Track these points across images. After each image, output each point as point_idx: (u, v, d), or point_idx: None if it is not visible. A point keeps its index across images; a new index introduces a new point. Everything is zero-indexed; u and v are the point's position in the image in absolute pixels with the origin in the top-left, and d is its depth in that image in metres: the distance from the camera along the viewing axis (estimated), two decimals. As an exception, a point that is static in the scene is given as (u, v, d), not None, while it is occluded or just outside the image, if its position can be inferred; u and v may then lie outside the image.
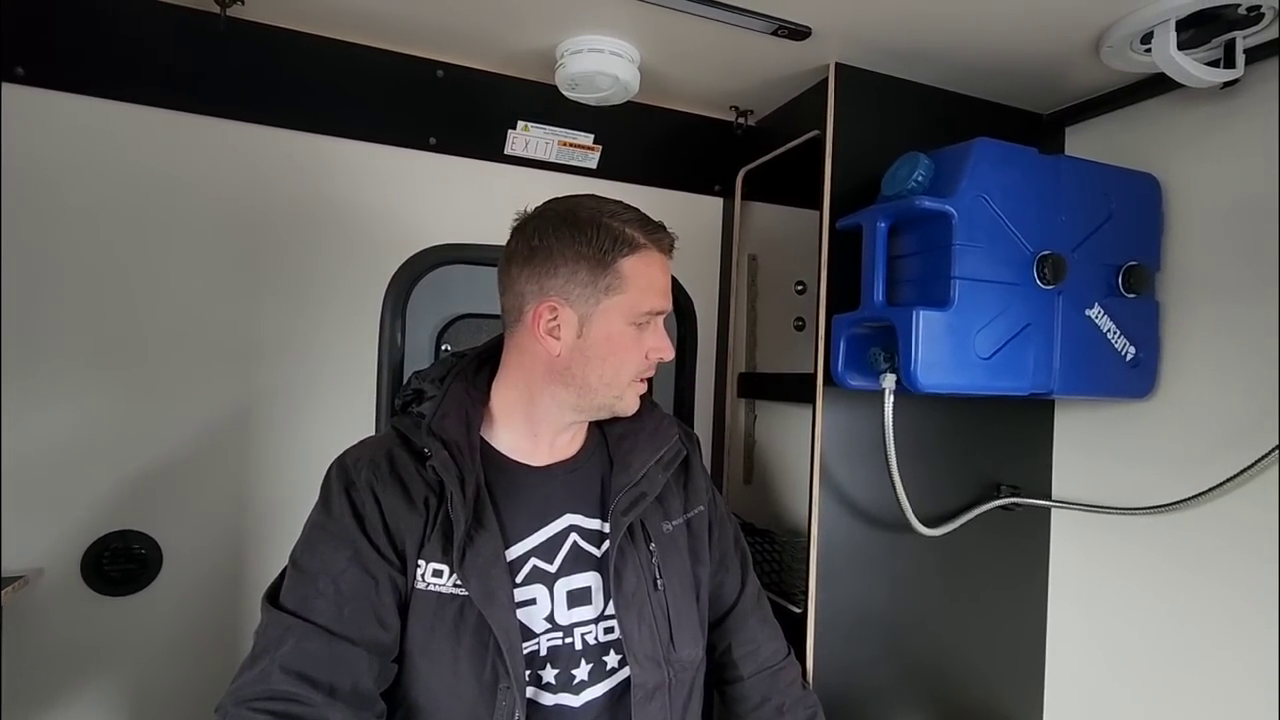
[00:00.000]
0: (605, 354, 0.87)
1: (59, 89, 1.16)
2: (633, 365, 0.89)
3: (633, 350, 0.88)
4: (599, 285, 0.85)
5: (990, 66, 1.24)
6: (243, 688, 0.73)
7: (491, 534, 0.83)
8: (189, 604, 1.26)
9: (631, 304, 0.86)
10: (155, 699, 1.25)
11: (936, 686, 1.33)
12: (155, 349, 1.24)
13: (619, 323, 0.86)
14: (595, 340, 0.86)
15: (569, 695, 0.86)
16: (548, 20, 1.16)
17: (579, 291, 0.85)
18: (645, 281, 0.87)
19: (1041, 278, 1.12)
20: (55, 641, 1.19)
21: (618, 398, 0.90)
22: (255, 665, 0.74)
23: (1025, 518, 1.38)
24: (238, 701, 0.72)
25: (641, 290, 0.86)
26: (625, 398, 0.90)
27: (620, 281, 0.85)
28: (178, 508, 1.26)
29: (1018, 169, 1.12)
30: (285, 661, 0.73)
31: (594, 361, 0.87)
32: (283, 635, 0.75)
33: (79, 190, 1.19)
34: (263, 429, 1.31)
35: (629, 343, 0.87)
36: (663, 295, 0.89)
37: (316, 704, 0.72)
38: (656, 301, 0.88)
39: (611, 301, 0.85)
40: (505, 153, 1.44)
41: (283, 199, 1.31)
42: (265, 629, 0.77)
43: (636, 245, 0.86)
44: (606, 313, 0.85)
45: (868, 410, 1.23)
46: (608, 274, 0.85)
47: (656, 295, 0.88)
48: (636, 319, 0.87)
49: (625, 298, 0.85)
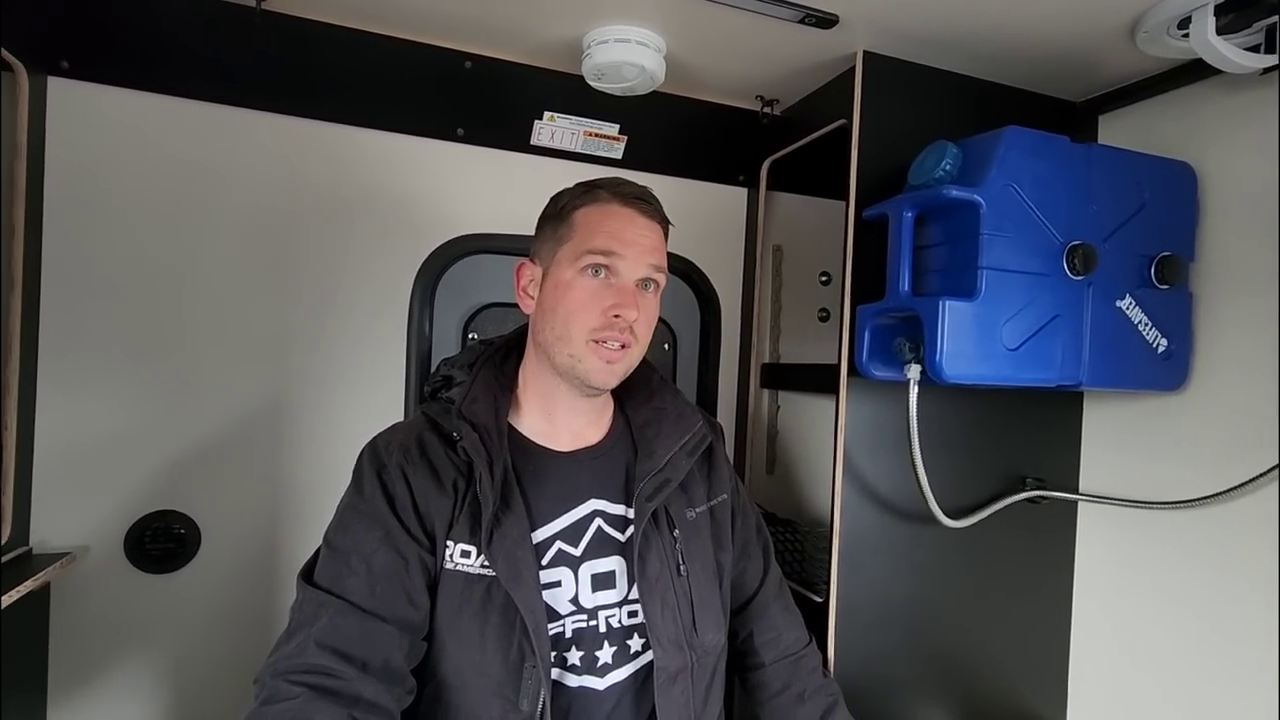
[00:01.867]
0: (555, 305, 0.87)
1: (101, 82, 1.20)
2: (584, 317, 0.85)
3: (584, 301, 0.85)
4: (556, 237, 0.88)
5: (1022, 53, 1.22)
6: (280, 661, 0.76)
7: (518, 516, 0.84)
8: (225, 582, 1.31)
9: (575, 247, 0.86)
10: (194, 672, 1.30)
11: (959, 679, 1.33)
12: (193, 337, 1.28)
13: (569, 270, 0.86)
14: (548, 293, 0.88)
15: (593, 677, 0.87)
16: (574, 11, 1.17)
17: (543, 248, 0.90)
18: (593, 225, 0.86)
19: (1071, 268, 1.10)
20: (100, 616, 1.24)
21: (573, 357, 0.86)
22: (291, 640, 0.77)
23: (1051, 511, 1.37)
24: (275, 674, 0.74)
25: (587, 234, 0.86)
26: (584, 360, 0.86)
27: (570, 229, 0.87)
28: (215, 489, 1.30)
29: (1048, 158, 1.10)
30: (320, 636, 0.76)
31: (548, 314, 0.88)
32: (317, 611, 0.78)
33: (120, 181, 1.23)
34: (296, 414, 1.35)
35: (580, 293, 0.85)
36: (612, 238, 0.85)
37: (349, 678, 0.74)
38: (602, 241, 0.85)
39: (562, 250, 0.87)
40: (531, 143, 1.45)
41: (315, 189, 1.34)
42: (301, 605, 0.80)
43: (594, 197, 0.87)
44: (558, 263, 0.87)
45: (892, 401, 1.23)
46: (562, 225, 0.88)
47: (603, 236, 0.85)
48: (581, 262, 0.85)
49: (572, 244, 0.86)
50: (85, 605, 1.23)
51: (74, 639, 1.23)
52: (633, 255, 0.86)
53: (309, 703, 0.72)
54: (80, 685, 1.23)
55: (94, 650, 1.24)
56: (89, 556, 1.23)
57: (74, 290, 1.21)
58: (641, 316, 0.86)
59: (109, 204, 1.22)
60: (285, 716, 0.71)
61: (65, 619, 1.22)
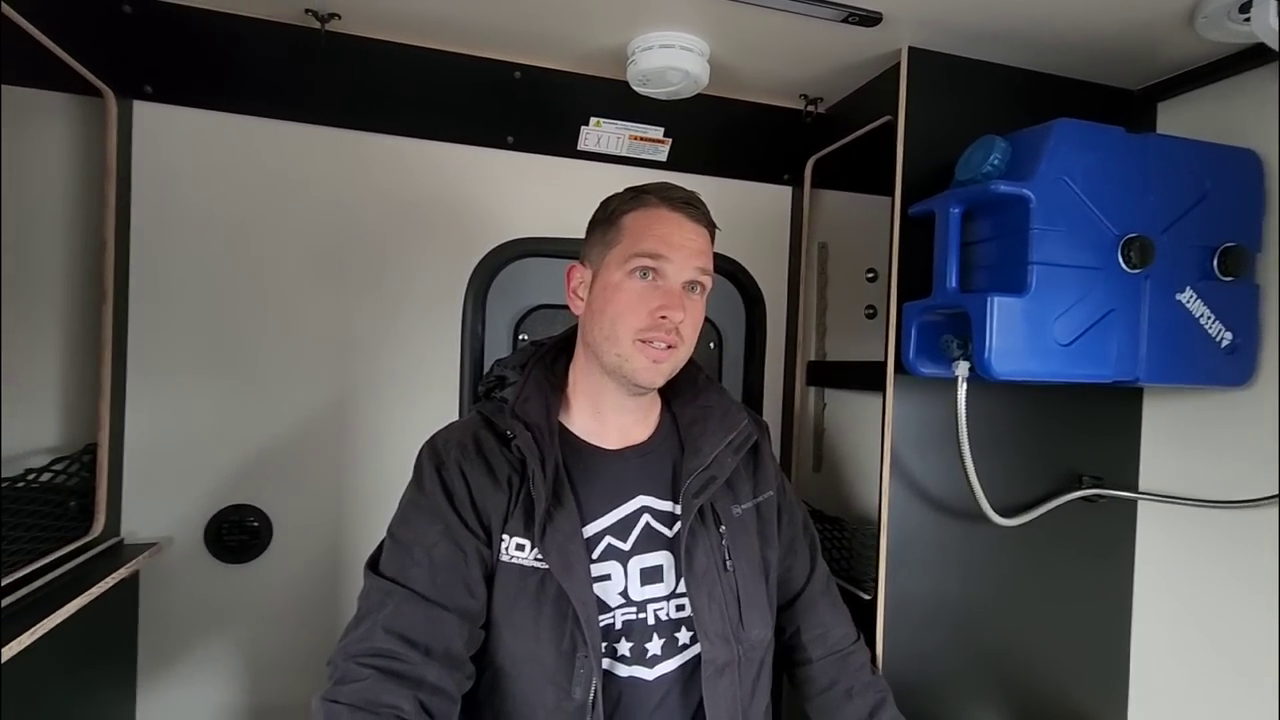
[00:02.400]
0: (603, 305, 0.89)
1: (181, 104, 1.29)
2: (631, 318, 0.87)
3: (631, 302, 0.87)
4: (605, 240, 0.91)
5: (1075, 42, 1.19)
6: (350, 644, 0.81)
7: (569, 511, 0.87)
8: (295, 571, 1.38)
9: (623, 251, 0.88)
10: (267, 655, 1.38)
11: (1012, 679, 1.31)
12: (264, 343, 1.36)
13: (617, 272, 0.88)
14: (597, 294, 0.91)
15: (643, 668, 0.90)
16: (619, 19, 1.20)
17: (593, 251, 0.92)
18: (640, 229, 0.88)
19: (1127, 261, 1.08)
20: (183, 602, 1.33)
21: (621, 357, 0.88)
22: (360, 625, 0.82)
23: (1109, 510, 1.34)
24: (346, 656, 0.79)
25: (635, 238, 0.88)
26: (632, 360, 0.88)
27: (619, 233, 0.89)
28: (285, 485, 1.38)
29: (1102, 149, 1.08)
30: (387, 623, 0.80)
31: (596, 315, 0.90)
32: (384, 599, 0.83)
33: (197, 197, 1.31)
34: (358, 414, 1.42)
35: (628, 294, 0.87)
36: (659, 241, 0.87)
37: (415, 662, 0.79)
38: (650, 244, 0.87)
39: (611, 254, 0.90)
40: (578, 149, 1.49)
41: (374, 200, 1.41)
42: (368, 593, 0.85)
43: (642, 202, 0.90)
44: (607, 266, 0.90)
45: (940, 398, 1.22)
46: (611, 229, 0.90)
47: (650, 239, 0.87)
48: (629, 264, 0.87)
49: (620, 247, 0.89)
50: (170, 592, 1.32)
51: (160, 623, 1.32)
52: (679, 258, 0.88)
53: (377, 683, 0.76)
54: (165, 665, 1.33)
55: (177, 633, 1.33)
56: (173, 547, 1.32)
57: (158, 300, 1.30)
58: (688, 318, 0.88)
59: (188, 219, 1.31)
60: (356, 696, 0.75)
61: (152, 604, 1.32)
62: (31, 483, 1.09)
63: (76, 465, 1.18)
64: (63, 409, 1.23)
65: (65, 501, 1.16)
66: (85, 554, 1.16)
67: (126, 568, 1.18)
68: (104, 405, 1.21)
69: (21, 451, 1.19)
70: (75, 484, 1.18)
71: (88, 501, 1.20)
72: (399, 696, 0.76)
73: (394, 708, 0.75)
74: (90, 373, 1.22)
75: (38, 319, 1.21)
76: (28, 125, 1.20)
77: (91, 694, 1.19)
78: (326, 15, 1.21)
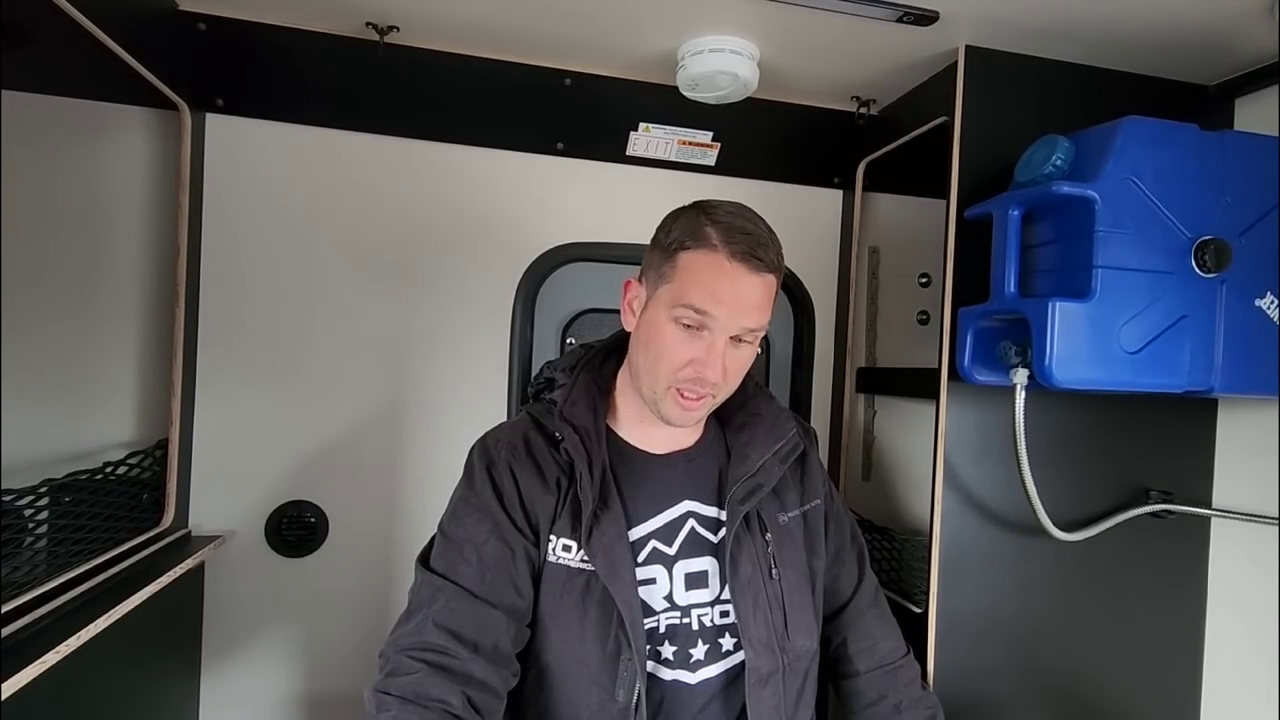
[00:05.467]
0: (647, 339, 0.88)
1: (249, 116, 1.35)
2: (668, 362, 0.85)
3: (670, 347, 0.85)
4: (660, 271, 0.87)
5: (1145, 37, 1.14)
6: (401, 638, 0.83)
7: (616, 515, 0.88)
8: (351, 566, 1.43)
9: (673, 294, 0.84)
10: (323, 646, 1.42)
11: (1072, 706, 1.25)
12: (323, 345, 1.41)
13: (662, 312, 0.85)
14: (645, 324, 0.89)
15: (686, 672, 0.89)
16: (670, 24, 1.21)
17: (649, 274, 0.89)
18: (693, 277, 0.83)
19: (1201, 265, 1.03)
20: (244, 594, 1.39)
21: (655, 395, 0.87)
22: (411, 619, 0.84)
23: (1180, 526, 1.27)
24: (398, 650, 0.81)
25: (686, 284, 0.83)
26: (665, 402, 0.87)
27: (673, 271, 0.85)
28: (341, 482, 1.42)
29: (1173, 148, 1.03)
30: (437, 618, 0.82)
31: (640, 345, 0.89)
32: (434, 594, 0.84)
33: (263, 204, 1.37)
34: (411, 414, 1.45)
35: (668, 338, 0.85)
36: (709, 297, 0.82)
37: (463, 657, 0.80)
38: (699, 298, 0.82)
39: (663, 289, 0.86)
40: (627, 154, 1.50)
41: (428, 205, 1.45)
42: (419, 588, 0.87)
43: (703, 243, 0.83)
44: (657, 299, 0.87)
45: (997, 407, 1.18)
46: (667, 262, 0.86)
47: (700, 292, 0.82)
48: (675, 312, 0.84)
49: (671, 287, 0.84)
50: (232, 583, 1.38)
51: (223, 612, 1.38)
52: (726, 315, 0.83)
53: (427, 677, 0.78)
54: (227, 652, 1.38)
55: (239, 623, 1.39)
56: (235, 540, 1.38)
57: (226, 304, 1.36)
58: (730, 369, 0.86)
59: (254, 225, 1.37)
60: (407, 689, 0.77)
61: (216, 594, 1.37)
62: (109, 475, 1.15)
63: (149, 460, 1.24)
64: (138, 406, 1.30)
65: (139, 494, 1.23)
66: (156, 544, 1.23)
67: (193, 558, 1.24)
68: (175, 403, 1.27)
69: (101, 446, 1.26)
70: (148, 477, 1.24)
71: (159, 494, 1.26)
72: (447, 691, 0.77)
73: (443, 702, 0.76)
74: (163, 372, 1.29)
75: (118, 321, 1.29)
76: (109, 139, 1.27)
77: (159, 677, 1.25)
78: (386, 27, 1.25)
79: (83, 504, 1.06)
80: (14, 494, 0.93)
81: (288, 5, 1.21)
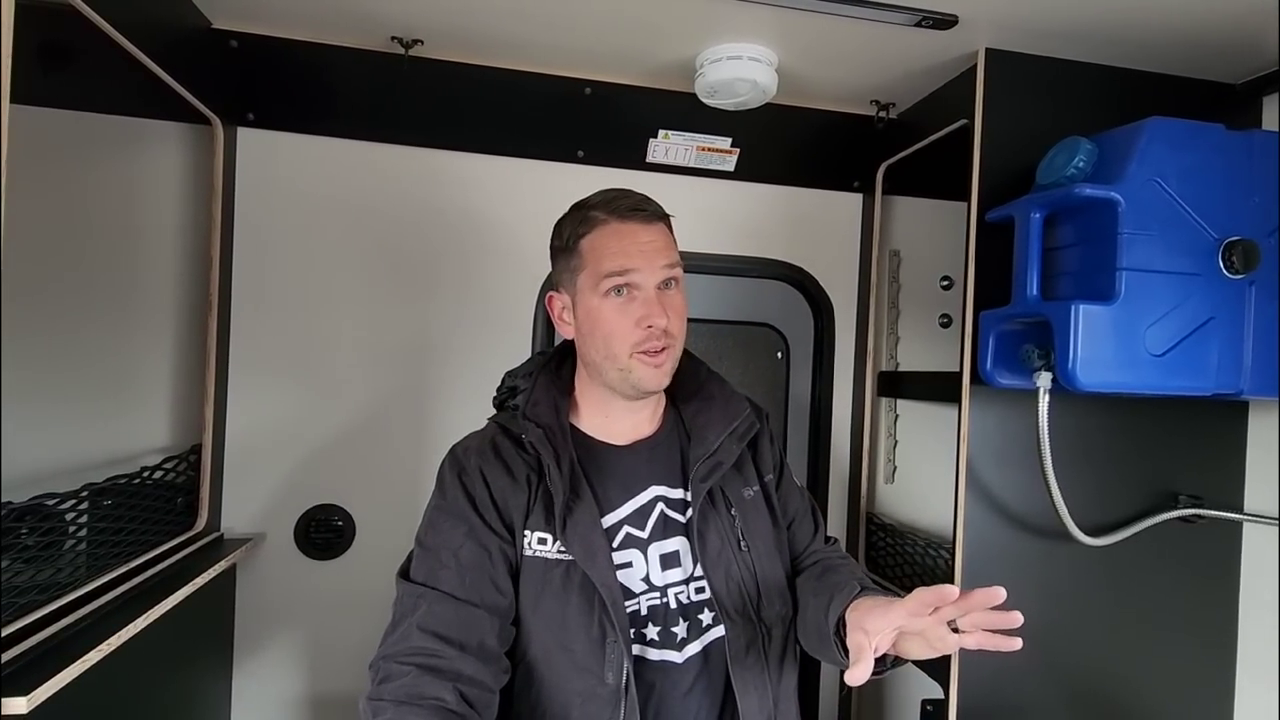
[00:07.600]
0: (591, 330, 0.92)
1: (279, 129, 1.38)
2: (621, 337, 0.89)
3: (616, 322, 0.89)
4: (571, 267, 0.92)
5: (1167, 36, 1.13)
6: (389, 646, 0.85)
7: (588, 503, 0.91)
8: (377, 568, 1.44)
9: (592, 275, 0.89)
10: (350, 647, 1.44)
11: (1100, 710, 1.23)
12: (351, 352, 1.44)
13: (592, 297, 0.90)
14: (582, 319, 0.93)
15: (672, 651, 0.92)
16: (689, 32, 1.22)
17: (563, 278, 0.94)
18: (601, 251, 0.89)
19: (1229, 266, 1.02)
20: (274, 595, 1.42)
21: (623, 370, 0.91)
22: (396, 629, 0.87)
23: (1210, 531, 1.25)
24: (387, 658, 0.84)
25: (598, 260, 0.89)
26: (635, 371, 0.91)
27: (581, 259, 0.91)
28: (367, 486, 1.45)
29: (1199, 148, 1.02)
30: (422, 623, 0.85)
31: (588, 339, 0.93)
32: (417, 602, 0.87)
33: (291, 214, 1.40)
34: (435, 420, 1.48)
35: (610, 314, 0.90)
36: (622, 257, 0.88)
37: (451, 657, 0.83)
38: (613, 262, 0.88)
39: (581, 279, 0.91)
40: (647, 160, 1.51)
41: (451, 214, 1.47)
42: (401, 599, 0.90)
43: (593, 222, 0.90)
44: (581, 291, 0.92)
45: (1020, 410, 1.17)
46: (574, 256, 0.92)
47: (613, 258, 0.88)
48: (602, 287, 0.89)
49: (587, 272, 0.90)
50: (263, 584, 1.41)
51: (254, 613, 1.41)
52: (645, 265, 0.89)
53: (418, 678, 0.81)
54: (258, 652, 1.41)
55: (269, 624, 1.42)
56: (266, 542, 1.41)
57: (257, 311, 1.39)
58: (671, 316, 0.91)
59: (284, 234, 1.40)
60: (400, 692, 0.80)
61: (247, 595, 1.41)
62: (146, 479, 1.19)
63: (184, 464, 1.28)
64: (172, 412, 1.34)
65: (174, 497, 1.26)
66: (190, 546, 1.26)
67: (226, 560, 1.27)
68: (208, 409, 1.31)
69: (138, 451, 1.30)
70: (182, 481, 1.28)
71: (192, 498, 1.30)
72: (440, 689, 0.80)
73: (436, 699, 0.79)
74: (196, 379, 1.32)
75: (153, 330, 1.33)
76: (145, 153, 1.31)
77: (194, 677, 1.28)
78: (410, 41, 1.27)
79: (121, 507, 1.09)
80: (56, 498, 0.96)
81: (316, 22, 1.25)
